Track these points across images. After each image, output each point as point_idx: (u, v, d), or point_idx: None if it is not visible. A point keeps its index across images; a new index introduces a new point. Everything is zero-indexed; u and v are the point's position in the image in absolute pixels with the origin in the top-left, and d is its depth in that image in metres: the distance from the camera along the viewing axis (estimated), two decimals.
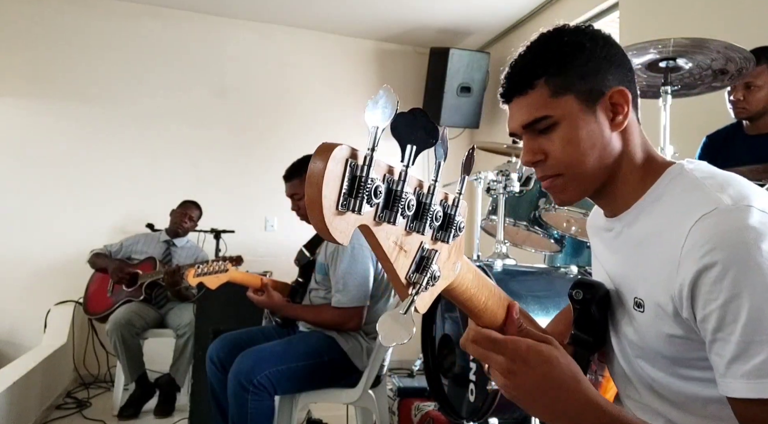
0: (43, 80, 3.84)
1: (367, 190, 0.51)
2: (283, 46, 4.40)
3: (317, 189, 0.48)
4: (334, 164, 0.48)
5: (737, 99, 2.03)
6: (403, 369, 3.64)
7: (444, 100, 4.21)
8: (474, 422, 1.77)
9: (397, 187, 0.54)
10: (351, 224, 0.51)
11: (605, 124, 0.83)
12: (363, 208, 0.51)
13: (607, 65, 0.83)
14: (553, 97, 0.81)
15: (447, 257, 0.64)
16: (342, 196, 0.49)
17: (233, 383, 1.91)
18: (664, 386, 0.81)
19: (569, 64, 0.81)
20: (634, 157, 0.85)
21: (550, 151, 0.84)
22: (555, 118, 0.82)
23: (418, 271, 0.60)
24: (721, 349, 0.69)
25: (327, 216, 0.48)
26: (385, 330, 0.57)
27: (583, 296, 0.89)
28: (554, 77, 0.81)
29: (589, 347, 0.90)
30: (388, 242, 0.56)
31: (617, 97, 0.83)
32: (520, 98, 0.84)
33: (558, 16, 3.92)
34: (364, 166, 0.50)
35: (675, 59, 1.84)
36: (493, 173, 2.23)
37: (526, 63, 0.84)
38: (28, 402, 2.78)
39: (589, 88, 0.82)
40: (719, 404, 0.74)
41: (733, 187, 0.76)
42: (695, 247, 0.70)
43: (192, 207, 3.55)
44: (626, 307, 0.85)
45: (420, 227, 0.58)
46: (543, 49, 0.84)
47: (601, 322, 0.91)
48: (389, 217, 0.54)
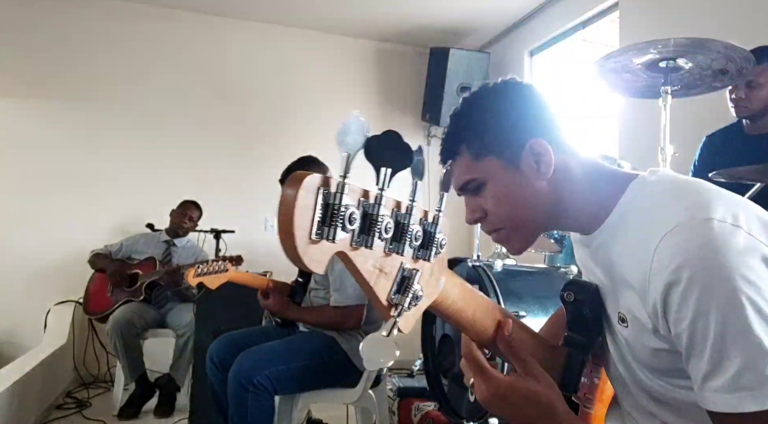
0: (43, 80, 3.84)
1: (341, 217, 0.51)
2: (283, 46, 4.40)
3: (289, 219, 0.48)
4: (305, 194, 0.49)
5: (739, 97, 2.03)
6: (403, 369, 3.64)
7: (444, 100, 4.21)
8: (474, 422, 1.77)
9: (373, 211, 0.54)
10: (326, 252, 0.51)
11: (532, 175, 0.85)
12: (337, 236, 0.51)
13: (521, 121, 0.87)
14: (475, 161, 0.87)
15: (430, 275, 0.64)
16: (316, 225, 0.49)
17: (233, 383, 1.91)
18: (659, 392, 0.82)
19: (484, 129, 0.87)
20: (578, 190, 0.86)
21: (486, 209, 0.89)
22: (480, 179, 0.87)
23: (400, 292, 0.60)
24: (696, 365, 0.70)
25: (300, 246, 0.48)
26: (368, 353, 0.57)
27: (574, 297, 0.90)
28: (472, 142, 0.87)
29: (583, 347, 0.90)
30: (367, 266, 0.56)
31: (537, 147, 0.85)
32: (453, 165, 0.91)
33: (558, 16, 3.93)
34: (337, 193, 0.51)
35: (675, 59, 1.84)
36: None
37: (450, 132, 0.91)
38: (28, 402, 2.78)
39: (506, 147, 0.86)
40: None
41: (692, 197, 0.75)
42: (661, 267, 0.71)
43: (192, 207, 3.55)
44: (612, 320, 0.86)
45: (399, 248, 0.59)
46: (461, 118, 0.90)
47: (594, 322, 0.91)
48: (366, 241, 0.54)
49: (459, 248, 4.58)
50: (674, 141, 1.94)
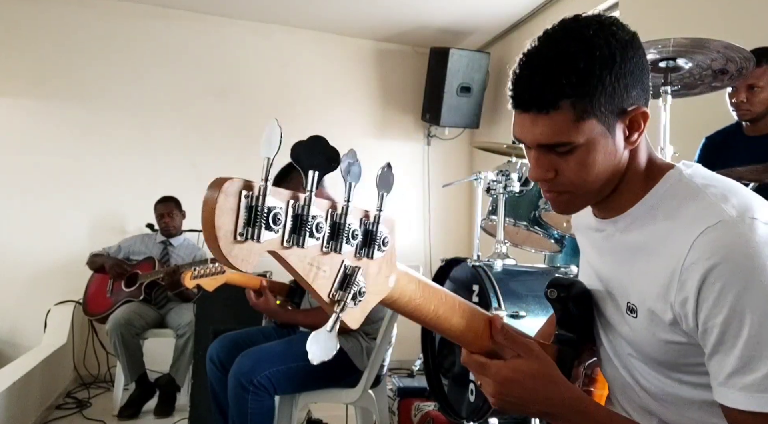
0: (43, 81, 3.84)
1: (264, 218, 0.54)
2: (283, 46, 4.40)
3: (210, 221, 0.52)
4: (224, 198, 0.53)
5: (740, 101, 2.02)
6: (403, 369, 3.64)
7: (444, 100, 4.21)
8: (474, 422, 1.77)
9: (302, 211, 0.57)
10: (254, 251, 0.54)
11: (621, 142, 0.79)
12: (263, 236, 0.54)
13: (632, 80, 0.77)
14: (577, 121, 0.75)
15: (377, 272, 0.66)
16: (239, 226, 0.53)
17: (233, 383, 1.91)
18: (658, 387, 0.81)
19: (598, 85, 0.74)
20: (638, 166, 0.83)
21: (562, 171, 0.80)
22: (576, 144, 0.77)
23: (342, 288, 0.62)
24: (722, 361, 0.69)
25: (224, 246, 0.52)
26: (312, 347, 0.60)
27: (557, 294, 0.90)
28: (581, 100, 0.74)
29: (573, 344, 0.91)
30: (302, 264, 0.59)
31: (638, 117, 0.78)
32: (540, 115, 0.76)
33: (558, 16, 3.91)
34: (259, 196, 0.54)
35: (675, 59, 1.84)
36: (493, 173, 2.23)
37: (553, 77, 0.74)
38: (28, 402, 2.78)
39: (612, 109, 0.76)
40: (713, 407, 0.74)
41: (736, 196, 0.74)
42: (699, 260, 0.70)
43: (159, 207, 3.48)
44: (619, 310, 0.85)
45: (336, 246, 0.61)
46: (572, 65, 0.74)
47: (581, 319, 0.91)
48: (297, 241, 0.57)
49: (459, 248, 4.59)
50: (674, 141, 1.94)
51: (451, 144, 4.75)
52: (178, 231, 3.53)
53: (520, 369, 0.76)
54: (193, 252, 3.52)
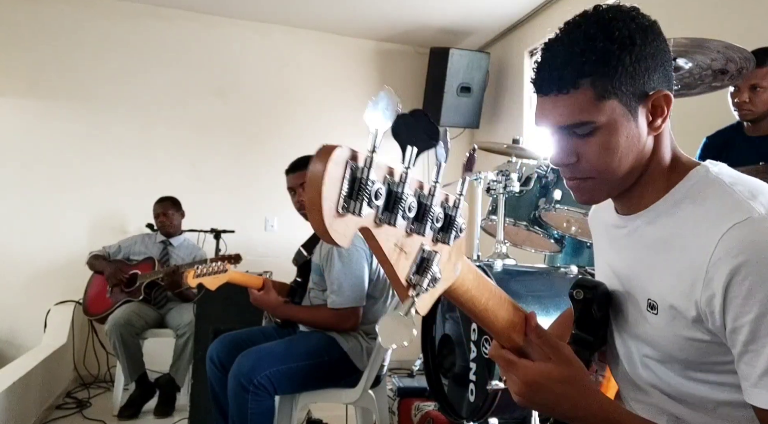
0: (42, 80, 3.84)
1: (368, 192, 0.51)
2: (283, 46, 4.40)
3: (317, 191, 0.47)
4: (334, 166, 0.48)
5: (743, 101, 2.01)
6: (403, 369, 3.64)
7: (444, 100, 4.21)
8: (474, 422, 1.77)
9: (398, 188, 0.54)
10: (351, 226, 0.51)
11: (644, 127, 0.79)
12: (363, 211, 0.51)
13: (653, 64, 0.77)
14: (598, 101, 0.75)
15: (448, 259, 0.64)
16: (342, 199, 0.49)
17: (233, 383, 1.91)
18: (674, 387, 0.81)
19: (618, 65, 0.74)
20: (662, 159, 0.82)
21: (584, 155, 0.79)
22: (597, 124, 0.76)
23: (419, 273, 0.59)
24: (753, 360, 0.68)
25: (327, 218, 0.48)
26: (385, 332, 0.57)
27: (584, 295, 0.89)
28: (601, 79, 0.75)
29: (590, 346, 0.90)
30: (389, 244, 0.56)
31: (660, 101, 0.78)
32: (561, 96, 0.77)
33: (558, 16, 3.92)
34: (365, 168, 0.50)
35: (675, 59, 1.84)
36: (493, 173, 2.23)
37: (573, 57, 0.76)
38: (28, 402, 2.77)
39: (634, 91, 0.76)
40: (731, 406, 0.74)
41: (764, 195, 0.74)
42: (727, 257, 0.69)
43: (157, 207, 3.49)
44: (637, 307, 0.84)
45: (421, 228, 0.58)
46: (592, 45, 0.75)
47: (602, 321, 0.91)
48: (390, 219, 0.54)
49: None
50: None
51: (451, 144, 4.73)
52: (176, 231, 3.52)
53: (548, 373, 0.73)
54: (193, 252, 3.52)
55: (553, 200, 2.09)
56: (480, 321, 0.76)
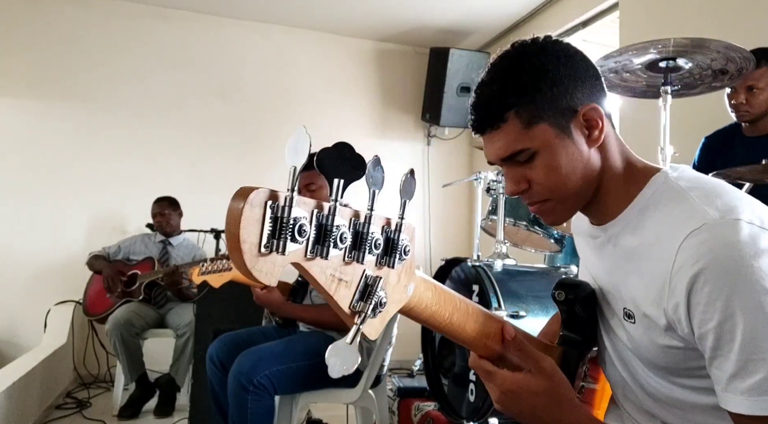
0: (42, 81, 3.84)
1: (290, 229, 0.52)
2: (283, 46, 4.40)
3: (235, 234, 0.49)
4: (250, 209, 0.50)
5: (739, 102, 2.01)
6: (403, 369, 3.64)
7: (444, 100, 4.21)
8: (474, 422, 1.77)
9: (327, 221, 0.55)
10: (278, 264, 0.52)
11: (582, 143, 0.81)
12: (288, 248, 0.52)
13: (573, 83, 0.80)
14: (527, 128, 0.79)
15: (397, 281, 0.65)
16: (264, 238, 0.50)
17: (233, 383, 1.90)
18: (660, 391, 0.81)
19: (536, 92, 0.79)
20: (614, 168, 0.84)
21: (533, 179, 0.82)
22: (533, 149, 0.80)
23: (363, 299, 0.60)
24: (721, 365, 0.69)
25: (248, 260, 0.50)
26: (331, 360, 0.58)
27: (565, 296, 0.90)
28: (524, 107, 0.79)
29: (578, 346, 0.91)
30: (324, 276, 0.57)
31: (590, 114, 0.81)
32: (494, 132, 0.82)
33: (558, 16, 3.93)
34: (285, 207, 0.51)
35: (675, 59, 1.84)
36: (493, 173, 2.23)
37: (493, 95, 0.81)
38: (28, 402, 2.77)
39: (560, 112, 0.80)
40: (717, 410, 0.74)
41: (719, 198, 0.74)
42: (686, 265, 0.70)
43: (155, 207, 3.49)
44: (617, 316, 0.85)
45: (359, 256, 0.59)
46: (507, 79, 0.81)
47: (587, 320, 0.91)
48: (321, 251, 0.55)
49: (459, 248, 4.59)
50: (674, 141, 1.94)
51: (451, 144, 4.75)
52: (175, 230, 3.52)
53: (526, 385, 0.75)
54: (193, 252, 3.52)
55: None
56: (448, 334, 0.78)
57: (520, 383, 0.75)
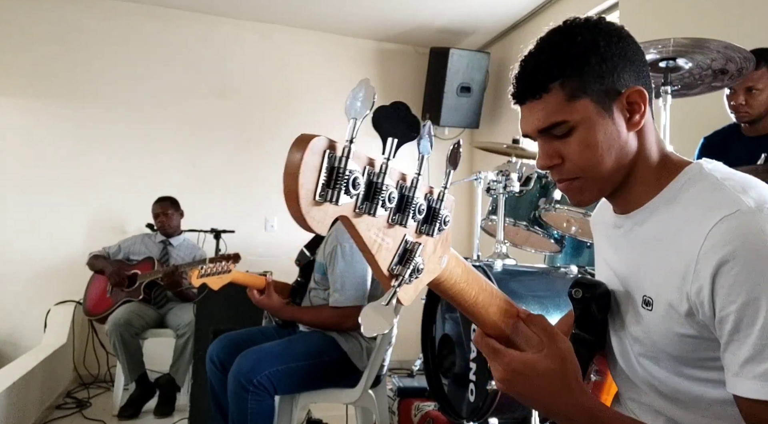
0: (42, 80, 3.84)
1: (345, 181, 0.51)
2: (283, 46, 4.40)
3: (294, 179, 0.49)
4: (311, 155, 0.49)
5: (739, 103, 2.02)
6: (403, 369, 3.64)
7: (444, 100, 4.21)
8: (474, 422, 1.77)
9: (378, 179, 0.55)
10: (329, 214, 0.52)
11: (622, 125, 0.81)
12: (341, 199, 0.51)
13: (622, 63, 0.80)
14: (569, 101, 0.79)
15: (432, 251, 0.64)
16: (320, 187, 0.50)
17: (233, 383, 1.91)
18: (668, 385, 0.81)
19: (584, 66, 0.78)
20: (649, 156, 0.84)
21: (567, 155, 0.82)
22: (572, 123, 0.79)
23: (401, 263, 0.60)
24: (737, 349, 0.69)
25: (303, 205, 0.49)
26: (366, 320, 0.58)
27: (582, 294, 0.89)
28: (570, 80, 0.78)
29: (590, 345, 0.91)
30: (369, 234, 0.56)
31: (634, 97, 0.80)
32: (534, 102, 0.81)
33: (558, 16, 3.92)
34: (342, 157, 0.51)
35: (675, 59, 1.84)
36: (493, 173, 2.23)
37: (539, 64, 0.80)
38: (28, 402, 2.78)
39: (605, 90, 0.79)
40: (724, 404, 0.74)
41: (754, 189, 0.75)
42: (715, 247, 0.70)
43: (156, 207, 3.49)
44: (633, 305, 0.84)
45: (402, 219, 0.59)
46: (556, 50, 0.80)
47: (601, 321, 0.91)
48: (369, 208, 0.55)
49: (459, 248, 4.57)
50: (674, 141, 1.94)
51: (451, 144, 4.74)
52: (176, 230, 3.52)
53: (532, 364, 0.71)
54: (193, 252, 3.52)
55: (553, 200, 2.09)
56: (470, 315, 0.76)
57: (528, 363, 0.72)
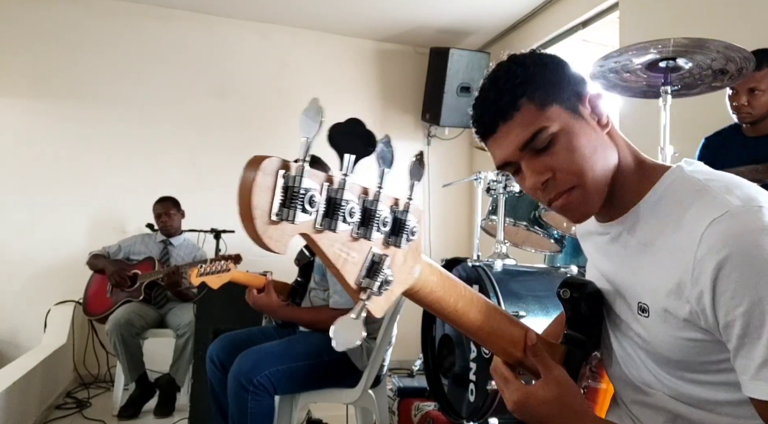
0: (43, 80, 3.84)
1: (301, 199, 0.52)
2: (283, 46, 4.40)
3: (247, 200, 0.50)
4: (263, 176, 0.51)
5: (741, 104, 2.01)
6: (403, 369, 3.64)
7: (444, 100, 4.21)
8: (474, 422, 1.77)
9: (337, 194, 0.56)
10: (287, 233, 0.53)
11: (595, 125, 0.82)
12: (297, 217, 0.52)
13: (572, 74, 0.84)
14: (541, 109, 0.79)
15: (402, 261, 0.65)
16: (275, 206, 0.51)
17: (233, 383, 1.91)
18: (672, 388, 0.81)
19: (543, 79, 0.81)
20: (626, 159, 0.85)
21: (556, 166, 0.80)
22: (551, 129, 0.79)
23: (369, 276, 0.61)
24: (750, 352, 0.68)
25: (259, 226, 0.51)
26: (337, 335, 0.59)
27: (570, 294, 0.90)
28: (536, 92, 0.79)
29: (583, 345, 0.90)
30: (333, 249, 0.57)
31: (595, 100, 0.83)
32: (508, 124, 0.80)
33: (558, 16, 3.93)
34: (297, 176, 0.52)
35: (675, 59, 1.84)
36: (493, 173, 2.23)
37: (501, 89, 0.81)
38: (28, 402, 2.78)
39: (568, 95, 0.81)
40: (731, 405, 0.74)
41: (739, 188, 0.75)
42: (710, 253, 0.69)
43: (158, 207, 3.48)
44: (630, 311, 0.84)
45: (366, 232, 0.59)
46: (512, 74, 0.81)
47: (593, 320, 0.91)
48: (330, 224, 0.56)
49: (459, 248, 4.59)
50: (674, 141, 1.94)
51: (451, 144, 4.75)
52: (177, 231, 3.52)
53: (534, 395, 0.79)
54: (193, 252, 3.52)
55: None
56: (451, 323, 0.78)
57: (529, 394, 0.79)
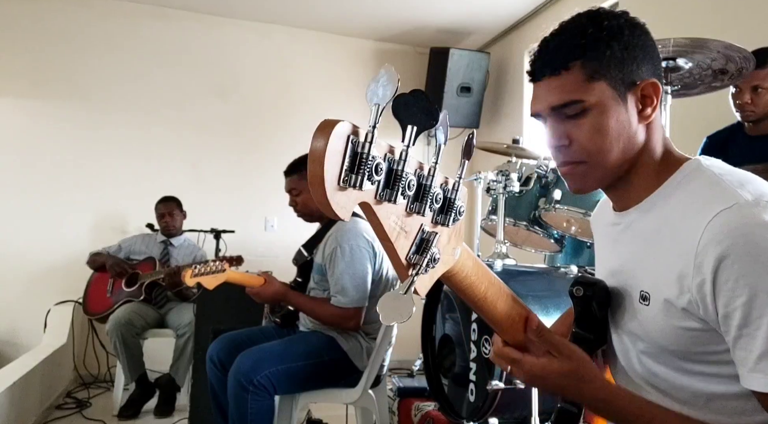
0: (43, 80, 3.84)
1: (369, 166, 0.51)
2: (283, 46, 4.40)
3: (319, 164, 0.48)
4: (335, 140, 0.49)
5: (745, 102, 2.01)
6: (403, 369, 3.63)
7: (444, 100, 4.21)
8: (474, 422, 1.77)
9: (398, 166, 0.55)
10: (352, 199, 0.52)
11: (634, 115, 0.81)
12: (364, 185, 0.51)
13: (642, 55, 0.81)
14: (588, 81, 0.79)
15: (447, 241, 0.64)
16: (344, 172, 0.50)
17: (233, 383, 1.91)
18: (668, 381, 0.81)
19: (607, 50, 0.79)
20: (654, 151, 0.85)
21: (575, 137, 0.81)
22: (587, 103, 0.79)
23: (419, 253, 0.60)
24: (749, 344, 0.69)
25: (329, 191, 0.49)
26: (385, 310, 0.58)
27: (583, 292, 0.89)
28: (591, 61, 0.79)
29: (590, 344, 0.91)
30: (389, 221, 0.56)
31: (649, 90, 0.81)
32: (552, 79, 0.81)
33: (558, 16, 3.91)
34: (366, 143, 0.51)
35: (675, 59, 1.84)
36: (493, 173, 2.23)
37: (563, 42, 0.81)
38: (28, 402, 2.78)
39: (622, 77, 0.80)
40: (723, 399, 0.74)
41: (752, 184, 0.75)
42: (714, 242, 0.69)
43: (161, 207, 3.49)
44: (630, 301, 0.85)
45: (420, 208, 0.59)
46: (581, 31, 0.80)
47: (602, 319, 0.91)
48: (390, 196, 0.55)
49: None
50: (674, 141, 1.93)
51: (451, 144, 4.72)
52: (178, 231, 3.53)
53: (551, 368, 0.79)
54: (194, 252, 3.52)
55: (553, 200, 2.09)
56: (479, 310, 0.78)
57: (546, 367, 0.79)
